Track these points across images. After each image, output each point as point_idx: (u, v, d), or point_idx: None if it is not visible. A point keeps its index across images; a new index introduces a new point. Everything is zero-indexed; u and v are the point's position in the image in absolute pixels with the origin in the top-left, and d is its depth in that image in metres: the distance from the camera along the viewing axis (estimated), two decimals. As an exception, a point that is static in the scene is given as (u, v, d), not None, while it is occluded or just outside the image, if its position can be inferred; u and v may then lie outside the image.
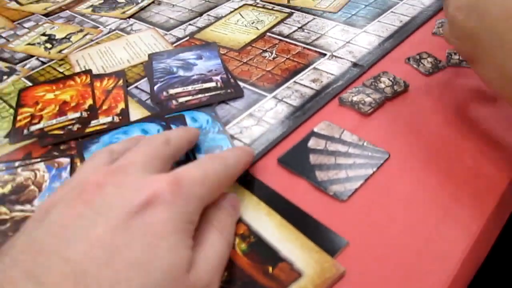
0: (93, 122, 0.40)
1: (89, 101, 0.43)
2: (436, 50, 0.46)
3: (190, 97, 0.41)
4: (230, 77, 0.44)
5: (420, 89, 0.41)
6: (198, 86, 0.42)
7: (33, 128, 0.41)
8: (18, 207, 0.32)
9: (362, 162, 0.33)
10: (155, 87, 0.42)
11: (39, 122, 0.41)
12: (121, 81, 0.45)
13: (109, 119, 0.40)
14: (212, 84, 0.42)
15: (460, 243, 0.27)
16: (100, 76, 0.46)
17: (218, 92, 0.42)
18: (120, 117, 0.40)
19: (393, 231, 0.29)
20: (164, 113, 0.39)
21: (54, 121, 0.41)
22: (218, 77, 0.43)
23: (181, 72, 0.44)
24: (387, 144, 0.35)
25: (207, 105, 0.40)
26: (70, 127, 0.40)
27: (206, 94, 0.41)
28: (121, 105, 0.42)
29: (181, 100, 0.41)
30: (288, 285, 0.25)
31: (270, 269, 0.26)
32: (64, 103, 0.43)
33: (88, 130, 0.39)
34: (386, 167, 0.33)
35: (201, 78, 0.44)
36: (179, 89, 0.42)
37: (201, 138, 0.36)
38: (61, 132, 0.40)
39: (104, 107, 0.42)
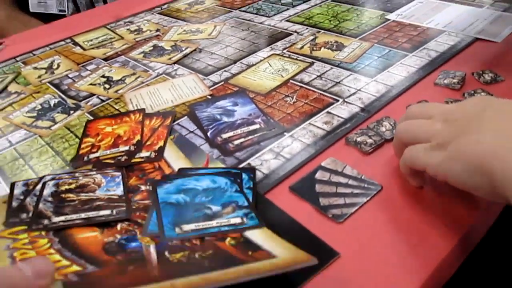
0: (136, 155, 0.49)
1: (138, 137, 0.52)
2: (436, 98, 0.53)
3: (242, 139, 0.49)
4: (269, 118, 0.52)
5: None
6: (245, 129, 0.51)
7: (91, 156, 0.50)
8: (83, 194, 0.42)
9: (358, 192, 0.40)
10: (209, 134, 0.51)
11: (97, 151, 0.51)
12: (167, 121, 0.54)
13: (147, 154, 0.49)
14: (257, 126, 0.51)
15: (431, 261, 0.34)
16: (151, 115, 0.56)
17: (264, 132, 0.50)
18: (156, 154, 0.48)
19: (377, 248, 0.35)
20: (226, 154, 0.47)
21: (108, 152, 0.50)
22: (259, 119, 0.52)
23: (225, 118, 0.53)
24: (381, 178, 0.42)
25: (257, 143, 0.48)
26: (119, 157, 0.49)
27: (255, 135, 0.50)
28: (160, 143, 0.50)
29: (236, 142, 0.49)
30: (262, 260, 0.32)
31: (250, 252, 0.33)
32: (118, 137, 0.52)
33: (132, 161, 0.48)
34: (378, 197, 0.40)
35: (245, 121, 0.52)
36: (230, 133, 0.50)
37: (219, 195, 0.41)
38: (112, 161, 0.48)
39: (148, 143, 0.51)
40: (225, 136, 0.50)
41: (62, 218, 0.39)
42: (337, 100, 0.55)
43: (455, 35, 0.68)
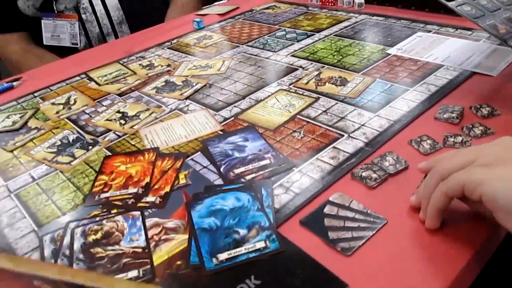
0: (143, 199, 0.51)
1: (147, 179, 0.54)
2: (436, 132, 0.56)
3: (254, 174, 0.52)
4: (278, 153, 0.55)
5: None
6: (256, 164, 0.54)
7: (102, 195, 0.53)
8: (109, 247, 0.44)
9: (365, 226, 0.43)
10: (222, 169, 0.54)
11: (108, 191, 0.53)
12: (177, 163, 0.56)
13: (153, 199, 0.51)
14: (267, 162, 0.54)
15: (434, 291, 0.36)
16: (163, 155, 0.58)
17: (274, 167, 0.53)
18: (161, 200, 0.50)
19: (384, 279, 0.38)
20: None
21: (117, 193, 0.53)
22: (269, 155, 0.55)
23: (237, 154, 0.56)
24: (386, 211, 0.44)
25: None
26: (127, 200, 0.51)
27: (266, 170, 0.53)
28: (166, 189, 0.52)
29: (248, 177, 0.52)
30: None
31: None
32: (129, 177, 0.55)
33: (138, 205, 0.50)
34: (383, 230, 0.42)
35: (255, 157, 0.55)
36: (242, 169, 0.53)
37: (244, 215, 0.46)
38: (120, 203, 0.51)
39: (156, 186, 0.53)
40: (237, 171, 0.53)
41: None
42: (342, 135, 0.58)
43: (453, 69, 0.71)
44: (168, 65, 0.88)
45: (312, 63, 0.80)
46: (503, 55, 0.74)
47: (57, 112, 0.75)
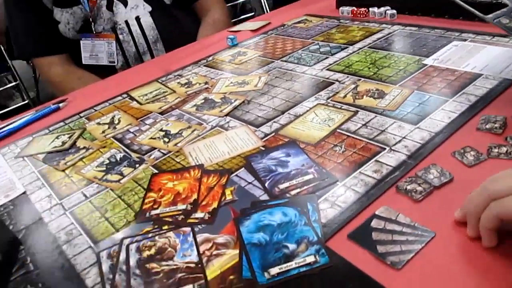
0: (192, 215, 0.53)
1: (195, 196, 0.56)
2: (479, 143, 0.56)
3: (298, 189, 0.53)
4: (321, 168, 0.56)
5: (464, 180, 0.51)
6: (300, 179, 0.55)
7: (153, 212, 0.55)
8: (164, 262, 0.46)
9: (413, 239, 0.43)
10: (266, 184, 0.55)
11: (158, 208, 0.55)
12: (223, 180, 0.58)
13: (202, 215, 0.52)
14: (310, 176, 0.55)
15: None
16: (208, 172, 0.60)
17: (318, 182, 0.54)
18: (210, 216, 0.52)
19: (437, 293, 0.38)
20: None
21: (167, 209, 0.55)
22: (312, 169, 0.56)
23: (280, 169, 0.58)
24: (433, 225, 0.45)
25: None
26: (176, 216, 0.53)
27: (310, 185, 0.54)
28: (214, 205, 0.54)
29: (293, 192, 0.53)
30: None
31: None
32: (177, 194, 0.57)
33: (188, 221, 0.52)
34: (432, 244, 0.43)
35: (299, 172, 0.56)
36: (287, 184, 0.55)
37: (292, 230, 0.47)
38: (170, 219, 0.53)
39: (203, 202, 0.55)
40: (282, 186, 0.54)
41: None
42: (384, 149, 0.58)
43: (492, 78, 0.71)
44: (206, 83, 0.91)
45: (348, 77, 0.81)
46: (544, 62, 0.73)
47: (103, 132, 0.78)
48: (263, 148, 0.64)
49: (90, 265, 0.49)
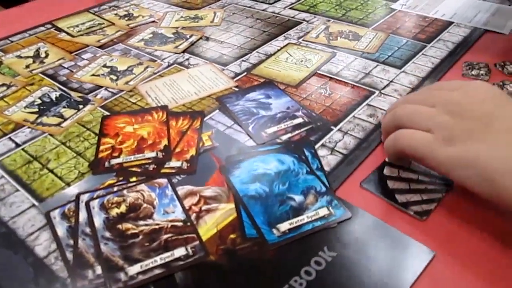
0: (166, 164, 0.43)
1: (164, 141, 0.46)
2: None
3: (290, 134, 0.46)
4: (310, 111, 0.49)
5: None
6: (289, 123, 0.48)
7: (113, 161, 0.44)
8: (141, 222, 0.37)
9: (432, 188, 0.39)
10: (250, 129, 0.47)
11: (119, 156, 0.45)
12: (196, 123, 0.49)
13: (178, 164, 0.43)
14: (300, 120, 0.48)
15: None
16: (176, 115, 0.50)
17: (310, 126, 0.47)
18: (189, 164, 0.43)
19: (463, 242, 0.34)
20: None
21: (132, 157, 0.45)
22: (300, 112, 0.49)
23: (263, 112, 0.50)
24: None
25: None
26: (146, 165, 0.44)
27: (302, 129, 0.47)
28: (192, 152, 0.45)
29: (284, 138, 0.46)
30: None
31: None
32: (142, 139, 0.47)
33: (162, 171, 0.43)
34: (450, 193, 0.39)
35: (285, 115, 0.49)
36: (275, 128, 0.47)
37: (294, 180, 0.40)
38: (139, 170, 0.43)
39: (177, 149, 0.45)
40: (269, 131, 0.47)
41: (138, 267, 0.33)
42: (373, 92, 0.53)
43: (464, 26, 0.69)
44: (151, 15, 0.78)
45: (315, 17, 0.74)
46: (508, 15, 0.72)
47: (27, 66, 0.63)
48: (236, 89, 0.55)
49: (38, 228, 0.38)
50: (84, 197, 0.40)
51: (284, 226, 0.36)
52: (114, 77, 0.59)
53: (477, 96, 0.36)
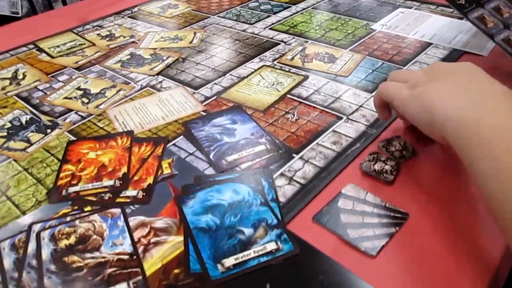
0: (122, 193, 0.43)
1: (124, 169, 0.46)
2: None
3: (250, 163, 0.46)
4: (273, 137, 0.49)
5: (428, 153, 0.47)
6: (251, 151, 0.47)
7: (71, 189, 0.44)
8: (88, 254, 0.37)
9: (386, 222, 0.38)
10: (211, 156, 0.47)
11: (77, 184, 0.45)
12: (158, 150, 0.48)
13: (134, 193, 0.43)
14: (262, 147, 0.48)
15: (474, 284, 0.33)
16: (140, 141, 0.50)
17: (272, 153, 0.47)
18: (144, 194, 0.43)
19: (411, 280, 0.34)
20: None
21: (90, 186, 0.44)
22: (263, 139, 0.49)
23: (226, 139, 0.49)
24: (404, 205, 0.40)
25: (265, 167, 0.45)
26: (102, 194, 0.43)
27: (263, 157, 0.46)
28: (150, 180, 0.44)
29: (243, 166, 0.45)
30: None
31: None
32: (102, 166, 0.47)
33: (117, 200, 0.42)
34: (406, 226, 0.38)
35: (248, 142, 0.49)
36: (235, 156, 0.47)
37: (246, 212, 0.40)
38: (94, 198, 0.43)
39: (136, 177, 0.45)
40: (230, 159, 0.47)
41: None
42: (341, 118, 0.53)
43: (442, 48, 0.68)
44: (132, 36, 0.78)
45: (294, 38, 0.74)
46: (489, 34, 0.72)
47: (3, 88, 0.64)
48: (204, 113, 0.55)
49: (-14, 259, 0.38)
50: (36, 227, 0.40)
51: (229, 261, 0.35)
52: (86, 100, 0.59)
53: (459, 64, 0.42)
